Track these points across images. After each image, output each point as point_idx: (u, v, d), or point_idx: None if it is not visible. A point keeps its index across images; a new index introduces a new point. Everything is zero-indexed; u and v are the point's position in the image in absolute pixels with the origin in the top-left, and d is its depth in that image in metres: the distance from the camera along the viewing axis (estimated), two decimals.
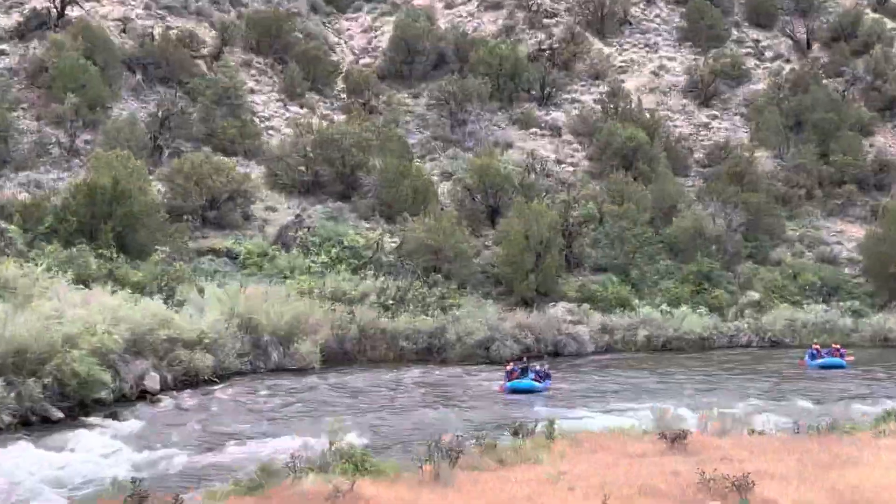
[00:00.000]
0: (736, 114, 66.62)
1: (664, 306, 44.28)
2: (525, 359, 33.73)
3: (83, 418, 25.67)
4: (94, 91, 49.95)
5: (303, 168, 49.77)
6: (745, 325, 44.96)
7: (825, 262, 51.54)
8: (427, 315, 39.15)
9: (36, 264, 32.69)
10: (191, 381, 30.80)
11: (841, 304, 47.38)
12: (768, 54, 72.54)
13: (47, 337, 25.49)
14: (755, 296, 46.52)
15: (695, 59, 70.19)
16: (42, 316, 26.64)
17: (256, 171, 49.74)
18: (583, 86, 67.84)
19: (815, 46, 72.85)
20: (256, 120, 56.52)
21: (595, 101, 64.97)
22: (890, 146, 63.38)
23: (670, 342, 43.02)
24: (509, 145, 59.03)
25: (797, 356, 39.93)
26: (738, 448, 16.57)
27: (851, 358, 38.50)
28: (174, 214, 42.78)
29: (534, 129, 61.83)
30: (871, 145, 62.56)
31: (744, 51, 71.97)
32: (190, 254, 40.88)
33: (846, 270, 51.36)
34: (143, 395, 28.38)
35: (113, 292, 32.00)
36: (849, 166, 58.73)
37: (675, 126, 63.83)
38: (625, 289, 45.06)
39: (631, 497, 12.78)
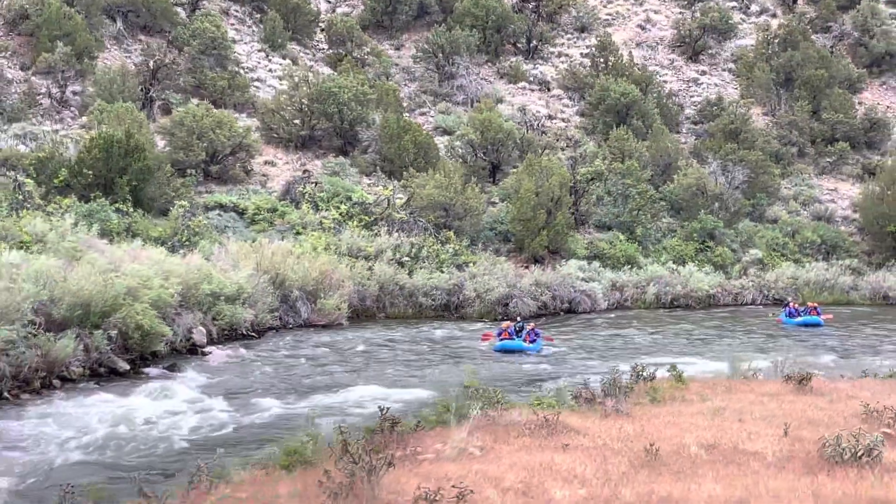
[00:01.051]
0: (724, 69, 66.47)
1: (670, 264, 44.16)
2: (519, 319, 33.27)
3: (144, 370, 25.32)
4: (81, 40, 48.40)
5: (298, 122, 48.72)
6: (750, 283, 44.96)
7: (820, 220, 51.76)
8: (442, 272, 38.65)
9: (55, 218, 31.69)
10: (230, 335, 30.29)
11: (840, 262, 47.58)
12: (754, 8, 72.45)
13: (111, 290, 24.82)
14: (758, 254, 46.52)
15: (681, 13, 69.89)
16: (98, 270, 25.93)
17: (248, 125, 48.58)
18: (569, 39, 67.28)
19: (801, 1, 72.80)
20: (241, 72, 55.25)
21: (582, 54, 64.44)
22: (878, 103, 63.64)
23: (678, 299, 42.92)
24: (499, 100, 58.37)
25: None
26: (858, 389, 16.59)
27: (829, 316, 38.53)
28: (176, 168, 41.74)
29: (522, 84, 61.19)
30: (859, 103, 62.75)
31: (729, 4, 71.75)
32: (198, 209, 39.93)
33: (841, 228, 51.61)
34: (193, 349, 27.82)
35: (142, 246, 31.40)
36: (840, 124, 58.92)
37: (665, 81, 63.50)
38: (631, 246, 44.84)
39: (801, 426, 12.58)
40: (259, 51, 58.64)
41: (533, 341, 29.49)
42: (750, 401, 14.62)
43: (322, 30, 63.79)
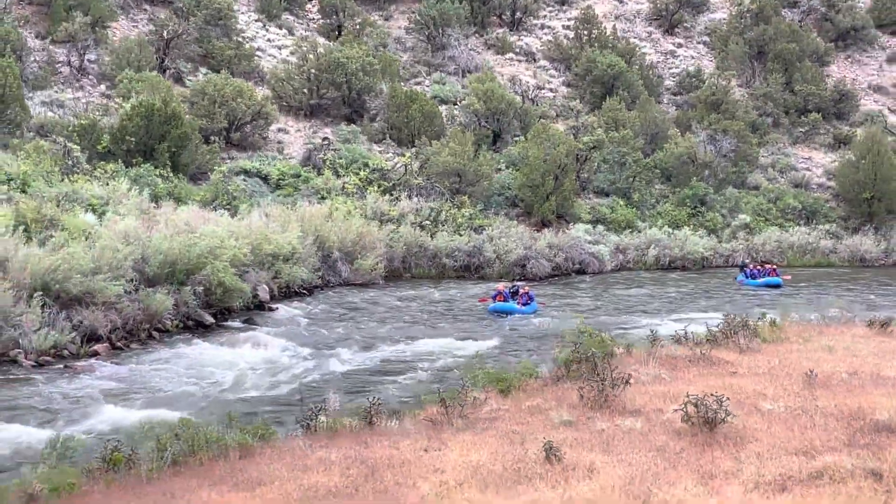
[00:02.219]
0: (699, 42, 69.18)
1: (666, 228, 46.86)
2: (513, 283, 34.40)
3: (225, 323, 27.43)
4: (96, 9, 49.72)
5: (306, 91, 50.53)
6: (740, 247, 47.81)
7: (798, 187, 54.81)
8: (460, 235, 40.92)
9: (112, 183, 33.49)
10: (286, 292, 32.35)
11: (820, 227, 50.64)
12: None
13: (195, 250, 26.81)
14: (746, 219, 49.39)
15: None
16: (177, 231, 27.92)
17: (266, 94, 50.31)
18: (551, 11, 69.53)
19: None
20: (244, 42, 56.79)
21: (564, 27, 66.77)
22: (845, 76, 66.77)
23: (675, 261, 45.64)
24: (490, 70, 60.51)
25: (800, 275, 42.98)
26: None
27: (787, 277, 40.59)
28: (200, 135, 43.46)
29: (510, 55, 63.42)
30: (827, 76, 65.84)
31: None
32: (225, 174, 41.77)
33: (817, 195, 54.68)
34: (260, 305, 29.84)
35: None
36: (811, 96, 61.95)
37: (644, 54, 66.02)
38: (630, 211, 47.47)
39: None
40: (256, 20, 60.17)
41: (526, 304, 30.32)
42: (849, 341, 17.00)
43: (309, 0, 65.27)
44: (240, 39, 55.42)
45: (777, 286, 38.55)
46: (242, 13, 60.83)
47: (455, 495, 7.84)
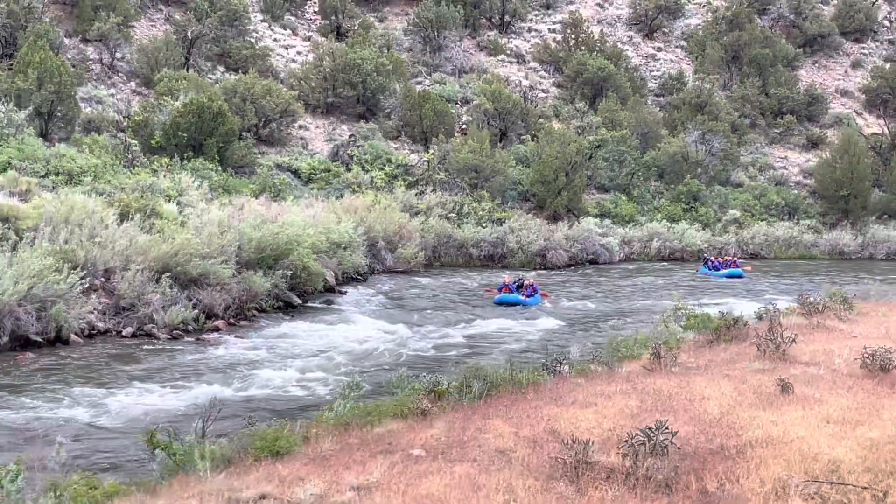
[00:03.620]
0: (677, 46, 72.81)
1: (664, 222, 50.29)
2: (520, 277, 35.93)
3: (308, 304, 30.21)
4: (122, 9, 51.94)
5: (320, 91, 53.17)
6: (732, 239, 51.40)
7: (777, 184, 58.62)
8: (483, 227, 43.94)
9: (178, 176, 36.01)
10: (345, 278, 35.12)
11: (802, 222, 54.46)
12: None
13: (282, 237, 29.51)
14: (736, 214, 53.02)
15: None
16: (262, 220, 30.59)
17: (292, 93, 52.72)
18: (536, 15, 72.74)
19: None
20: (255, 42, 59.23)
21: (550, 30, 70.04)
22: (813, 80, 70.80)
23: (675, 253, 49.06)
24: (484, 71, 63.63)
25: (783, 264, 46.57)
26: None
27: (749, 268, 43.57)
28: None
29: (501, 57, 66.55)
30: (798, 80, 69.81)
31: None
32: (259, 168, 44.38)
33: (794, 192, 58.52)
34: (329, 289, 32.55)
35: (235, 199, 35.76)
36: (785, 99, 65.85)
37: (627, 56, 69.49)
38: (632, 206, 50.85)
39: None
40: (262, 21, 62.62)
41: (530, 295, 31.61)
42: None
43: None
44: (251, 40, 57.85)
45: (739, 277, 41.14)
46: (247, 14, 63.13)
47: (736, 411, 10.73)
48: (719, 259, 43.59)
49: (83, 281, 24.35)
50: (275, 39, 61.23)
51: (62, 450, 9.88)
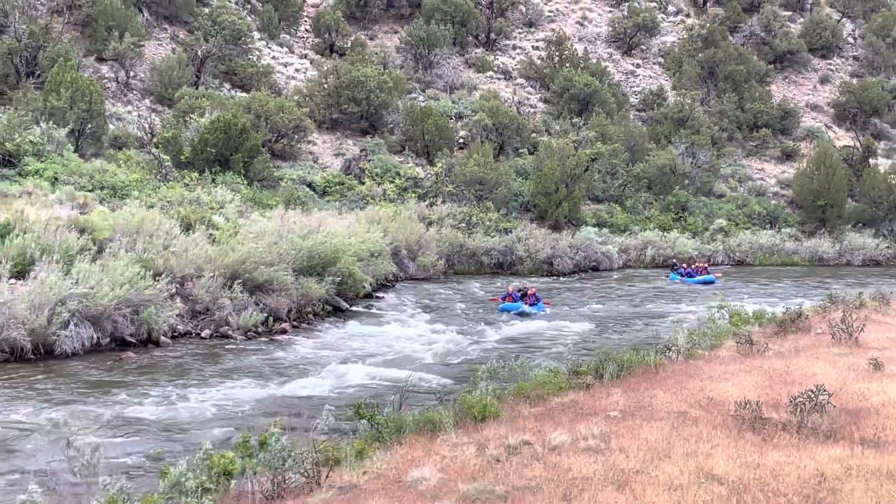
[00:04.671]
0: (654, 63, 75.74)
1: (657, 231, 52.93)
2: (523, 286, 36.83)
3: (353, 308, 32.37)
4: (134, 29, 53.75)
5: (325, 107, 55.29)
6: (720, 247, 54.16)
7: (758, 195, 61.59)
8: (491, 236, 46.28)
9: (213, 189, 38.03)
10: (376, 284, 37.27)
11: (784, 230, 57.40)
12: (671, 8, 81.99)
13: (329, 246, 31.63)
14: (722, 223, 55.84)
15: (610, 11, 78.88)
16: (308, 230, 32.71)
17: (304, 110, 54.62)
18: (520, 33, 75.36)
19: (710, 3, 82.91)
20: (256, 59, 61.17)
21: (533, 47, 72.69)
22: (784, 95, 73.99)
23: (668, 260, 51.59)
24: (474, 87, 66.09)
25: (772, 270, 49.37)
26: None
27: (719, 274, 45.50)
28: None
29: (489, 73, 69.04)
30: (770, 95, 73.04)
31: (650, 4, 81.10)
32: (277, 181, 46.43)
33: (773, 202, 61.49)
34: (368, 294, 34.67)
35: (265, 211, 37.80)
36: (760, 113, 68.94)
37: (609, 73, 72.29)
38: (626, 216, 53.47)
39: None
40: (260, 39, 64.59)
41: (533, 304, 32.87)
42: None
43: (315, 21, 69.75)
44: (252, 58, 59.83)
45: (711, 283, 42.90)
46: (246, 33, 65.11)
47: (849, 384, 13.10)
48: (692, 266, 45.40)
49: (169, 287, 26.44)
50: (273, 57, 63.22)
51: (330, 415, 12.04)
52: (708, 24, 76.31)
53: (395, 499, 8.48)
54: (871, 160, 64.17)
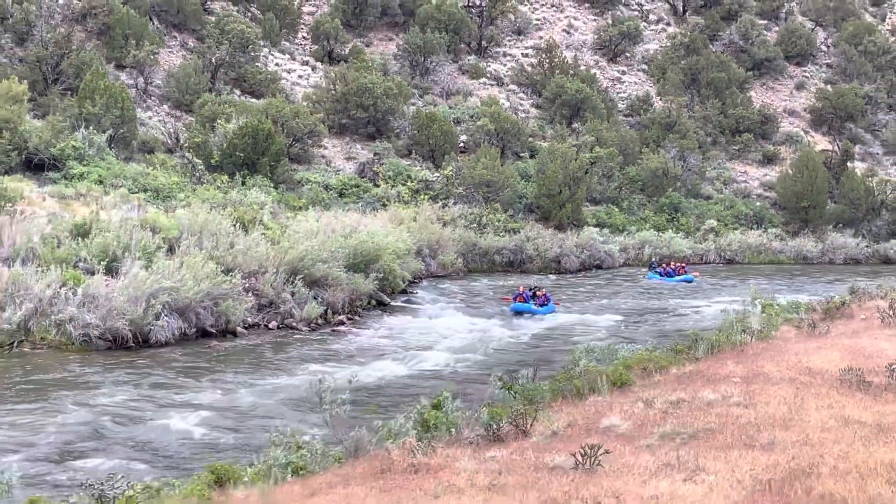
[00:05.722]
0: (639, 70, 78.58)
1: (653, 231, 55.65)
2: (533, 286, 37.91)
3: (392, 303, 34.72)
4: (150, 38, 55.74)
5: (334, 113, 57.55)
6: (711, 246, 57.00)
7: (746, 196, 64.55)
8: (500, 236, 48.75)
9: (250, 192, 40.23)
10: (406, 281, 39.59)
11: (770, 230, 60.35)
12: (652, 17, 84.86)
13: (372, 244, 33.96)
14: (713, 223, 58.71)
15: (594, 20, 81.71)
16: (349, 230, 35.02)
17: (318, 116, 56.68)
18: (510, 40, 77.93)
19: (689, 12, 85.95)
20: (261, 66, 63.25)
21: (523, 54, 75.33)
22: (762, 101, 77.03)
23: (664, 259, 54.28)
24: (469, 93, 68.58)
25: (754, 270, 52.26)
26: None
27: (697, 273, 47.45)
28: None
29: (483, 80, 71.53)
30: (751, 101, 76.06)
31: (632, 13, 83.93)
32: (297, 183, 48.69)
33: (758, 203, 64.44)
34: (402, 290, 36.98)
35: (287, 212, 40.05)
36: (742, 118, 71.94)
37: (598, 79, 74.98)
38: (623, 217, 56.18)
39: None
40: (262, 46, 66.58)
41: (543, 304, 33.85)
42: None
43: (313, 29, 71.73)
44: (259, 65, 61.93)
45: (690, 282, 45.23)
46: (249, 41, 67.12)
47: None
48: (671, 266, 47.21)
49: (244, 282, 28.72)
50: (276, 64, 65.29)
51: (496, 384, 14.42)
52: (689, 33, 79.16)
53: (601, 439, 10.86)
54: (848, 164, 67.28)
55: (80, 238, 28.48)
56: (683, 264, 48.23)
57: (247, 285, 29.21)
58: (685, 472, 9.03)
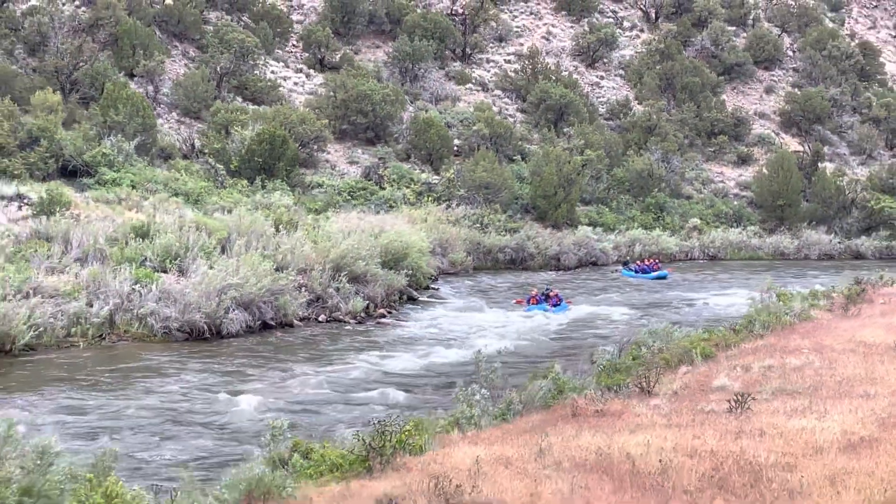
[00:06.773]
0: (616, 75, 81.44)
1: (640, 229, 58.40)
2: (546, 289, 39.30)
3: (421, 298, 37.07)
4: (157, 48, 57.61)
5: (335, 118, 59.75)
6: (696, 244, 59.91)
7: (725, 196, 67.57)
8: (501, 235, 51.24)
9: (274, 195, 42.41)
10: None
11: (749, 228, 63.40)
12: (626, 24, 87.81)
13: (400, 244, 36.29)
14: (697, 222, 61.63)
15: (572, 27, 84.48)
16: (378, 230, 37.32)
17: (323, 121, 58.64)
18: (492, 47, 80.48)
19: (661, 19, 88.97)
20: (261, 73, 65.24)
21: (506, 61, 77.95)
22: (734, 104, 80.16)
23: (653, 256, 57.03)
24: (457, 99, 71.04)
25: (740, 266, 55.20)
26: None
27: (671, 269, 50.15)
28: None
29: (469, 86, 74.01)
30: (725, 104, 79.20)
31: (607, 20, 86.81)
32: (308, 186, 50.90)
33: (735, 203, 67.49)
34: (426, 286, 39.29)
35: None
36: (717, 121, 75.03)
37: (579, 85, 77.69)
38: (613, 216, 58.90)
39: None
40: (260, 55, 68.57)
41: (556, 305, 35.05)
42: None
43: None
44: (258, 73, 63.95)
45: (664, 277, 47.34)
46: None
47: None
48: (646, 262, 49.52)
49: (297, 279, 30.98)
50: (272, 72, 67.33)
51: (601, 360, 16.87)
52: (664, 40, 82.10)
53: (718, 396, 13.33)
54: (819, 164, 70.51)
55: (140, 239, 30.58)
56: (657, 262, 50.63)
57: (297, 282, 31.47)
58: (816, 414, 11.52)
